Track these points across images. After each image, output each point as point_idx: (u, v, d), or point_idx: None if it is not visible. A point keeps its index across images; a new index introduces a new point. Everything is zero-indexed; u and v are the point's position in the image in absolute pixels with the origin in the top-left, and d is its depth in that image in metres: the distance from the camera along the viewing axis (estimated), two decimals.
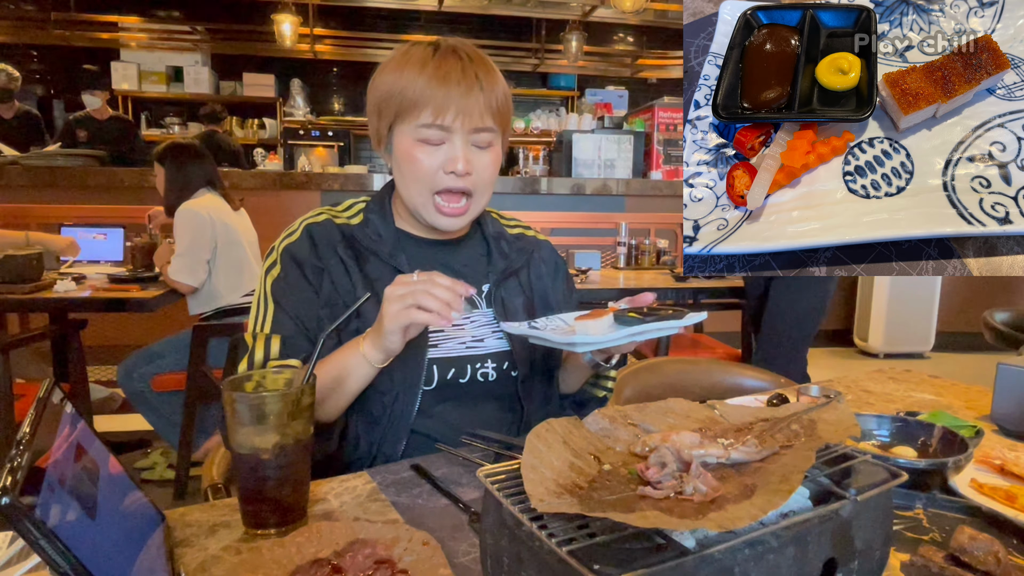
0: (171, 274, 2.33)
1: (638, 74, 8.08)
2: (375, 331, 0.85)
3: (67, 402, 0.55)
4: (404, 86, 0.90)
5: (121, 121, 4.72)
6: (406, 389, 0.92)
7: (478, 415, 0.98)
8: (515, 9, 6.16)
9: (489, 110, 0.92)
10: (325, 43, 6.99)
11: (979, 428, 0.92)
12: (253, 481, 0.67)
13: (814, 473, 0.49)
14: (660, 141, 4.82)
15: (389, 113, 0.93)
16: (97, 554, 0.45)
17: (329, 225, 0.99)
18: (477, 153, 0.93)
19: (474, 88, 0.90)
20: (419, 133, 0.91)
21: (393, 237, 0.99)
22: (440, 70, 0.89)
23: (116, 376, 2.38)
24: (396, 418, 0.93)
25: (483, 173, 0.94)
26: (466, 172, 0.92)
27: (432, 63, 0.90)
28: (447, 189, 0.93)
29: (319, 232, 0.98)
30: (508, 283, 1.05)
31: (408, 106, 0.90)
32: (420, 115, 0.90)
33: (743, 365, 1.53)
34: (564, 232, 3.78)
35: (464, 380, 0.97)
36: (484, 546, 0.51)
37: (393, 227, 1.00)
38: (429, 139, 0.91)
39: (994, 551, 0.58)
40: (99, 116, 4.49)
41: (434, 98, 0.88)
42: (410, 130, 0.91)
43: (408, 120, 0.91)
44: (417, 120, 0.90)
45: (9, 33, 6.44)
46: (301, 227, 0.99)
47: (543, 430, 0.54)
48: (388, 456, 0.93)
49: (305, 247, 0.96)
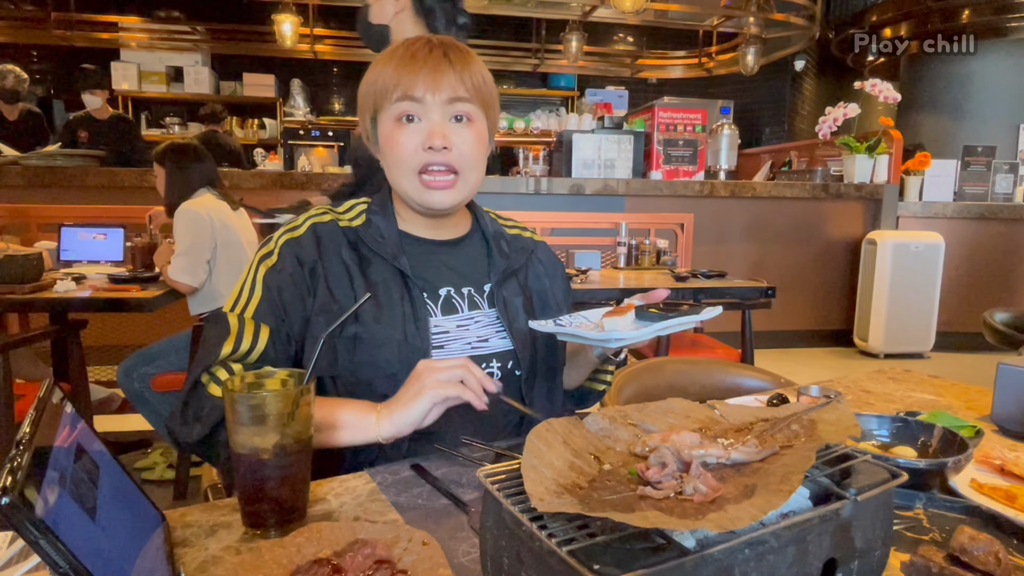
0: (171, 274, 2.33)
1: (638, 74, 8.08)
2: (397, 405, 0.84)
3: (67, 402, 0.55)
4: (377, 76, 0.93)
5: (122, 120, 4.67)
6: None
7: (483, 415, 0.97)
8: (515, 9, 6.17)
9: (463, 84, 0.92)
10: (325, 43, 6.99)
11: (979, 428, 0.92)
12: (253, 481, 0.67)
13: (814, 473, 0.49)
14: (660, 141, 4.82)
15: (369, 106, 0.95)
16: (97, 554, 0.45)
17: (334, 226, 0.98)
18: (456, 128, 0.93)
19: (442, 63, 0.91)
20: (394, 111, 0.92)
21: (396, 238, 0.98)
22: (408, 52, 0.92)
23: (116, 376, 2.38)
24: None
25: (464, 148, 0.93)
26: (443, 146, 0.91)
27: (400, 49, 0.93)
28: (429, 164, 0.92)
29: (325, 232, 0.97)
30: (508, 283, 1.05)
31: (382, 92, 0.92)
32: (392, 96, 0.91)
33: (743, 365, 1.53)
34: (564, 232, 3.78)
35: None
36: (484, 546, 0.51)
37: (396, 228, 1.00)
38: (405, 114, 0.92)
39: (994, 551, 0.58)
40: (99, 116, 4.45)
41: (402, 76, 0.90)
42: (388, 114, 0.93)
43: (384, 105, 0.93)
44: (390, 101, 0.92)
45: (9, 33, 6.45)
46: (306, 224, 0.97)
47: (543, 430, 0.54)
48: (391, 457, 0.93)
49: (310, 246, 0.95)
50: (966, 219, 4.75)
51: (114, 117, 4.56)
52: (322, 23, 6.93)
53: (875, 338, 4.53)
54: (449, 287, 1.00)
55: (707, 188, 4.49)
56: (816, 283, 4.84)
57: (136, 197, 3.61)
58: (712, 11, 6.51)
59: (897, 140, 4.69)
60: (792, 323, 4.82)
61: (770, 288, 2.66)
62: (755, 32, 6.44)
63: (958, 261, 4.72)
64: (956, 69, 6.19)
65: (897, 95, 4.73)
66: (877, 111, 6.63)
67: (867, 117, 5.53)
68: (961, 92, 6.18)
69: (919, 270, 4.45)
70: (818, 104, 7.57)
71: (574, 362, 1.10)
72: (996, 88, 6.10)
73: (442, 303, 0.99)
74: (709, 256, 4.34)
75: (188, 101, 7.13)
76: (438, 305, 0.98)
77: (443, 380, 0.81)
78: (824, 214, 4.75)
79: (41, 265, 2.23)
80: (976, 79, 6.13)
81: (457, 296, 1.00)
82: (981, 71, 6.11)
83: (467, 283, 1.01)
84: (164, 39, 6.84)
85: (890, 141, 4.66)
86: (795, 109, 8.12)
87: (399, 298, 0.94)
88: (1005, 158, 5.09)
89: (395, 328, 0.92)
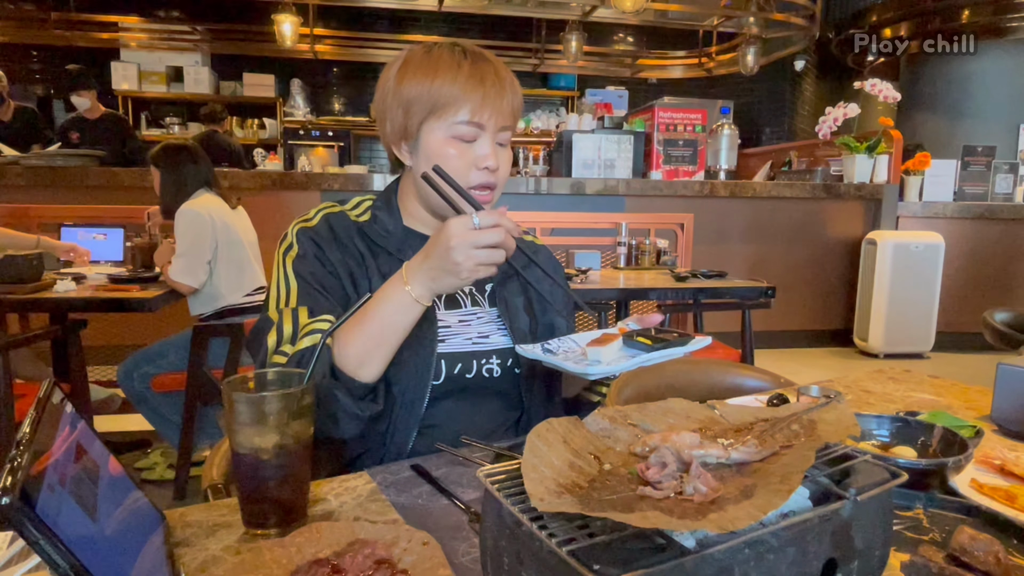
0: (172, 275, 2.33)
1: (638, 74, 8.09)
2: (437, 271, 0.82)
3: (67, 402, 0.55)
4: (440, 85, 0.93)
5: (113, 119, 4.60)
6: (416, 382, 0.94)
7: (482, 410, 1.00)
8: (515, 9, 6.17)
9: (511, 112, 0.97)
10: (325, 43, 6.99)
11: (979, 428, 0.92)
12: (253, 481, 0.67)
13: (814, 473, 0.49)
14: (660, 141, 4.82)
15: (421, 111, 0.95)
16: (97, 554, 0.45)
17: (344, 217, 1.02)
18: (501, 151, 0.98)
19: (505, 90, 0.95)
20: (454, 130, 0.94)
21: (401, 233, 1.02)
22: (476, 72, 0.94)
23: (116, 376, 2.38)
24: (406, 410, 0.94)
25: (503, 169, 0.99)
26: (496, 168, 0.96)
27: (467, 65, 0.94)
28: (480, 184, 0.96)
29: (337, 222, 1.00)
30: (509, 283, 1.07)
31: (444, 104, 0.93)
32: (458, 113, 0.93)
33: (743, 365, 1.53)
34: (564, 232, 3.78)
35: (471, 375, 0.99)
36: (484, 546, 0.51)
37: (401, 224, 1.03)
38: (463, 136, 0.95)
39: (994, 551, 0.58)
40: (90, 116, 4.40)
41: (472, 98, 0.93)
42: (444, 127, 0.94)
43: (443, 117, 0.94)
44: (454, 118, 0.94)
45: (9, 33, 6.45)
46: (319, 215, 1.01)
47: (544, 429, 0.54)
48: (399, 449, 0.94)
49: (326, 233, 0.98)
50: (966, 219, 4.75)
51: (105, 116, 4.51)
52: (322, 23, 6.93)
53: (875, 338, 4.53)
54: None
55: (707, 188, 4.49)
56: (816, 283, 4.84)
57: (136, 197, 3.61)
58: (712, 11, 6.51)
59: (897, 140, 4.69)
60: (792, 323, 4.82)
61: (770, 288, 2.66)
62: (755, 32, 6.44)
63: (958, 261, 4.72)
64: (956, 69, 6.18)
65: (897, 95, 4.73)
66: (877, 111, 6.62)
67: (867, 117, 5.53)
68: (961, 92, 6.17)
69: (919, 270, 4.44)
70: (818, 104, 7.57)
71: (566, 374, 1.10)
72: (996, 88, 6.09)
73: (445, 297, 1.02)
74: (709, 256, 4.34)
75: (188, 101, 7.13)
76: (441, 300, 1.01)
77: (483, 263, 0.80)
78: (824, 214, 4.75)
79: (41, 265, 2.23)
80: (976, 79, 6.13)
81: (460, 293, 1.04)
82: (981, 71, 6.11)
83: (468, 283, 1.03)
84: (164, 39, 6.84)
85: (890, 141, 4.65)
86: (795, 109, 8.12)
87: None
88: (1005, 158, 5.09)
89: None
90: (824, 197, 4.66)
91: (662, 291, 2.68)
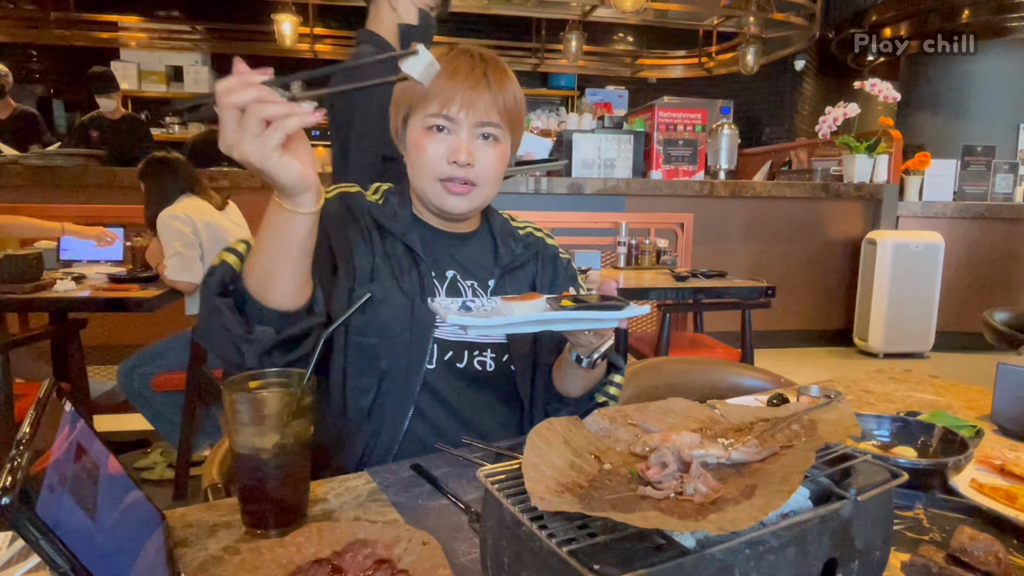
0: (169, 275, 2.33)
1: (638, 74, 8.08)
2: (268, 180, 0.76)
3: (67, 402, 0.55)
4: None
5: (133, 120, 4.75)
6: (410, 360, 0.95)
7: (477, 403, 1.00)
8: (515, 9, 6.17)
9: (496, 107, 0.96)
10: (325, 43, 6.98)
11: (979, 428, 0.92)
12: (253, 481, 0.67)
13: (814, 473, 0.49)
14: (660, 141, 4.81)
15: (404, 106, 0.99)
16: (97, 554, 0.45)
17: (360, 197, 1.03)
18: (481, 146, 0.97)
19: (480, 84, 0.94)
20: (427, 122, 0.96)
21: (408, 219, 1.03)
22: (450, 66, 0.94)
23: (116, 376, 2.38)
24: (399, 390, 0.94)
25: (485, 165, 0.97)
26: (467, 163, 0.95)
27: (444, 59, 0.94)
28: (451, 178, 0.96)
29: (352, 200, 1.02)
30: (514, 277, 1.07)
31: (419, 99, 0.96)
32: (429, 106, 0.95)
33: (743, 365, 1.53)
34: (564, 232, 3.78)
35: (461, 365, 0.99)
36: (484, 546, 0.51)
37: (410, 211, 1.04)
38: (435, 126, 0.95)
39: (994, 551, 0.58)
40: (111, 116, 4.54)
41: (441, 91, 0.93)
42: (420, 120, 0.96)
43: (419, 112, 0.96)
44: (426, 111, 0.95)
45: (9, 33, 6.44)
46: (335, 192, 1.02)
47: (544, 429, 0.54)
48: (393, 431, 0.94)
49: (335, 205, 0.99)
50: (966, 219, 4.75)
51: (125, 117, 4.66)
52: (322, 23, 6.93)
53: (875, 338, 4.53)
54: (455, 271, 1.04)
55: (707, 188, 4.49)
56: (816, 283, 4.84)
57: (136, 197, 3.60)
58: (712, 11, 6.51)
59: (897, 140, 4.69)
60: (792, 323, 4.82)
61: (770, 288, 2.66)
62: (755, 32, 6.44)
63: (958, 261, 4.72)
64: (956, 69, 6.18)
65: (897, 95, 4.72)
66: (877, 111, 6.62)
67: (867, 117, 5.53)
68: (961, 92, 6.17)
69: (919, 270, 4.44)
70: (818, 104, 7.56)
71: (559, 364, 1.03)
72: (996, 88, 6.09)
73: (447, 285, 1.02)
74: (709, 256, 4.34)
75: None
76: (443, 286, 1.02)
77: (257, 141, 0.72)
78: (824, 214, 4.75)
79: (41, 265, 2.23)
80: (976, 79, 6.13)
81: (461, 285, 1.04)
82: (981, 71, 6.11)
83: (470, 277, 1.04)
84: (164, 39, 6.84)
85: (890, 141, 4.65)
86: (795, 109, 8.12)
87: (409, 270, 0.99)
88: (1005, 158, 5.09)
89: (406, 295, 0.96)
90: (824, 197, 4.65)
91: (662, 291, 2.68)
